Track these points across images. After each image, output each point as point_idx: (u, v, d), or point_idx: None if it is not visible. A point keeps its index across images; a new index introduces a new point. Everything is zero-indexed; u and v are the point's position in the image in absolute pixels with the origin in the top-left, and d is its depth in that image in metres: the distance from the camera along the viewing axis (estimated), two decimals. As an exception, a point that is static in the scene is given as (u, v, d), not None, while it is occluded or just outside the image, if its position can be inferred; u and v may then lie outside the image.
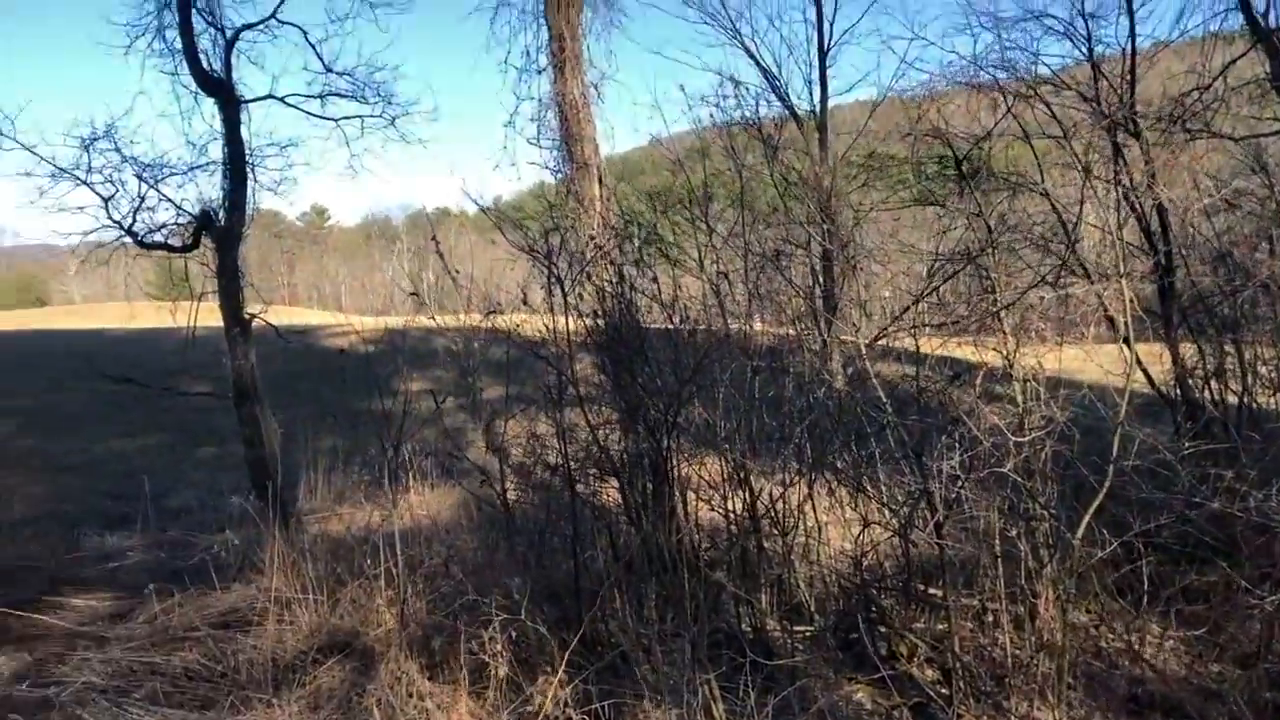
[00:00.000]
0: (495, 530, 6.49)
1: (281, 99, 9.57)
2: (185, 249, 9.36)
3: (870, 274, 8.58)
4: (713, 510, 5.78)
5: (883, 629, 5.27)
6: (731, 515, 5.61)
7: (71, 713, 4.47)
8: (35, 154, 8.82)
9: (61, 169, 8.90)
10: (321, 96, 9.73)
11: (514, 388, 6.26)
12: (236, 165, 9.11)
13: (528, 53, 8.10)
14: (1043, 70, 8.58)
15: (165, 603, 6.77)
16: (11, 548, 8.86)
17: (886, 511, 5.42)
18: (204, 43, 9.16)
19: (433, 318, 6.33)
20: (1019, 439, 4.56)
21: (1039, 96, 8.00)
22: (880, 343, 6.46)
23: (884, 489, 5.52)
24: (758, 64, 14.63)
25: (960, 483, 4.75)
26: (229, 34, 9.18)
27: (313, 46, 9.61)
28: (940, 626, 5.01)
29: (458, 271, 6.00)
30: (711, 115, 8.68)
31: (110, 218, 9.11)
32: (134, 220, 9.18)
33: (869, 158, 12.49)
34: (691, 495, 5.68)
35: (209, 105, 9.33)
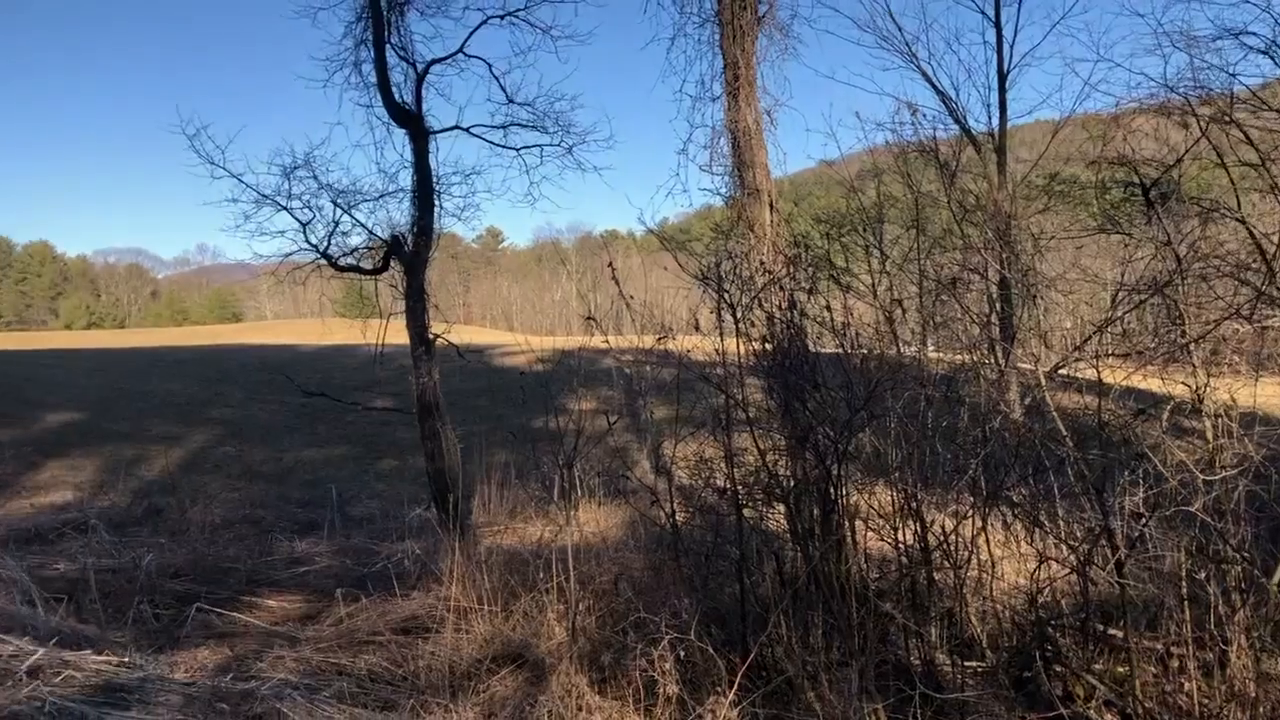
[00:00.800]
0: (663, 550, 6.58)
1: (467, 129, 9.99)
2: (375, 271, 9.89)
3: (1050, 301, 8.31)
4: (882, 540, 5.72)
5: (1059, 668, 5.09)
6: (902, 546, 5.53)
7: (271, 706, 4.77)
8: (242, 182, 9.53)
9: (265, 195, 9.59)
10: (504, 127, 10.10)
11: (681, 410, 6.36)
12: (424, 193, 9.57)
13: (702, 81, 8.19)
14: (1239, 90, 8.15)
15: (351, 607, 7.17)
16: (213, 549, 9.51)
17: (1065, 548, 5.24)
18: (396, 76, 9.70)
19: (605, 341, 6.48)
20: (1209, 477, 4.36)
21: (1235, 122, 7.60)
22: (1060, 373, 6.24)
23: (1062, 525, 5.35)
24: (934, 87, 14.37)
25: (1144, 521, 4.57)
26: (420, 68, 9.67)
27: (497, 79, 10.01)
28: (1121, 669, 4.81)
29: (632, 297, 6.14)
30: (887, 141, 8.57)
31: (308, 241, 9.73)
32: (329, 244, 9.79)
33: (1050, 180, 12.09)
34: (860, 524, 5.64)
35: (400, 136, 9.84)
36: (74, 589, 7.60)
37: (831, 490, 5.45)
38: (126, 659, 5.55)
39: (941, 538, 5.43)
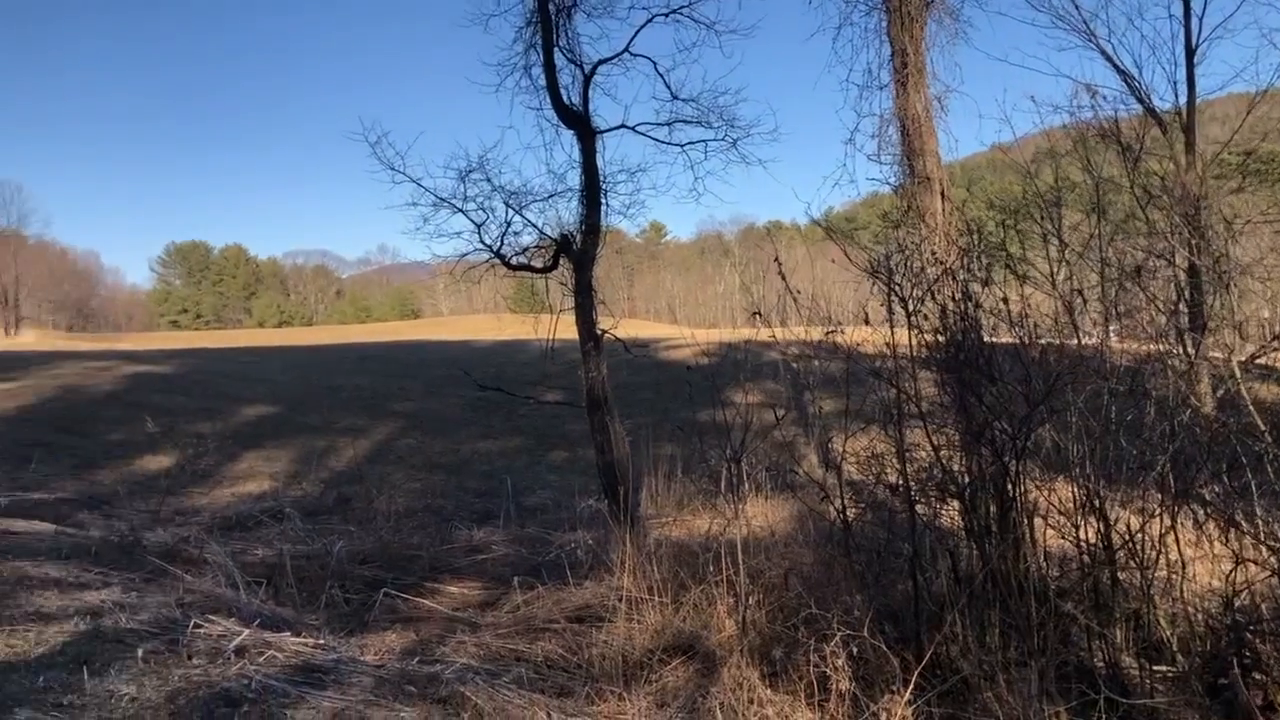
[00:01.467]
0: (833, 546, 6.55)
1: (633, 128, 10.11)
2: (546, 269, 10.16)
3: (1245, 288, 7.83)
4: (1063, 538, 5.54)
5: (1258, 676, 4.82)
6: (1084, 544, 5.34)
7: (455, 689, 4.99)
8: (421, 186, 9.95)
9: (442, 199, 9.98)
10: (669, 123, 10.18)
11: (848, 403, 6.30)
12: (592, 192, 9.78)
13: (869, 70, 8.07)
14: None
15: (527, 595, 7.41)
16: (397, 537, 9.97)
17: (1264, 549, 4.96)
18: (564, 78, 9.93)
19: (773, 335, 6.48)
20: None
21: None
22: (1257, 363, 5.89)
23: (1261, 524, 5.06)
24: (1114, 65, 13.69)
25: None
26: (587, 69, 9.86)
27: (661, 76, 10.10)
28: (1329, 680, 4.53)
29: (799, 292, 6.12)
30: (1064, 124, 8.25)
31: (482, 241, 10.08)
32: (502, 244, 10.11)
33: (1246, 158, 11.32)
34: (1039, 521, 5.48)
35: (568, 136, 10.07)
36: (272, 573, 8.10)
37: (1009, 486, 5.31)
38: (321, 641, 5.90)
39: (1126, 536, 5.22)
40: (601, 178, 9.89)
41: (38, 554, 7.66)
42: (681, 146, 10.32)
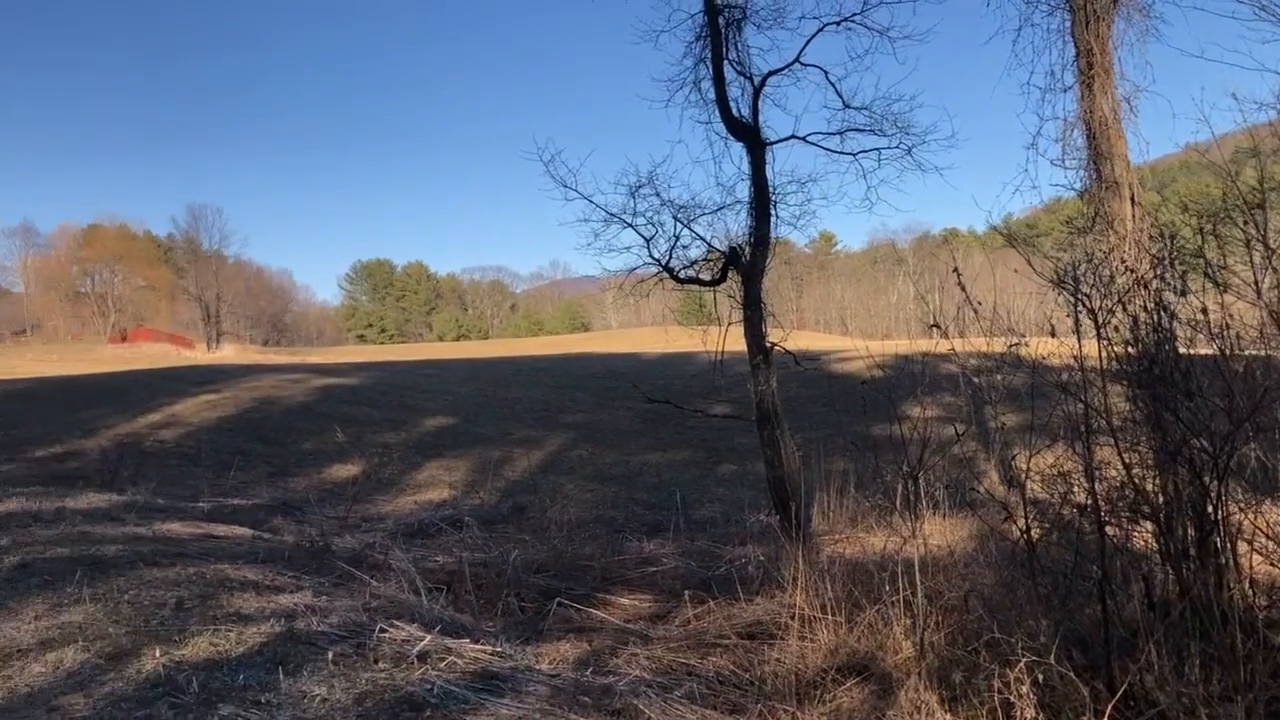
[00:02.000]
0: (1015, 567, 6.28)
1: (803, 138, 10.06)
2: (714, 282, 10.20)
3: None
4: (1272, 565, 5.15)
5: None
6: (1296, 572, 4.96)
7: (628, 702, 5.03)
8: (592, 202, 10.19)
9: (612, 214, 10.20)
10: (841, 132, 10.08)
11: (1029, 418, 6.04)
12: (761, 204, 9.76)
13: (1052, 72, 7.74)
14: None
15: (698, 609, 7.41)
16: (570, 547, 10.14)
17: None
18: (734, 91, 9.99)
19: (952, 348, 6.29)
20: None
21: None
22: None
23: None
24: (1326, 56, 12.69)
25: None
26: (756, 81, 9.88)
27: (833, 85, 10.01)
28: None
29: (979, 303, 5.92)
30: (1270, 121, 7.70)
31: (651, 255, 10.24)
32: (670, 257, 10.23)
33: None
34: (1244, 546, 5.11)
35: (737, 149, 10.11)
36: (451, 580, 8.37)
37: (1209, 508, 4.98)
38: (498, 648, 6.05)
39: (1347, 565, 4.82)
40: (771, 189, 9.87)
41: (237, 557, 8.15)
42: (854, 155, 10.19)
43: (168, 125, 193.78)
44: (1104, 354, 5.26)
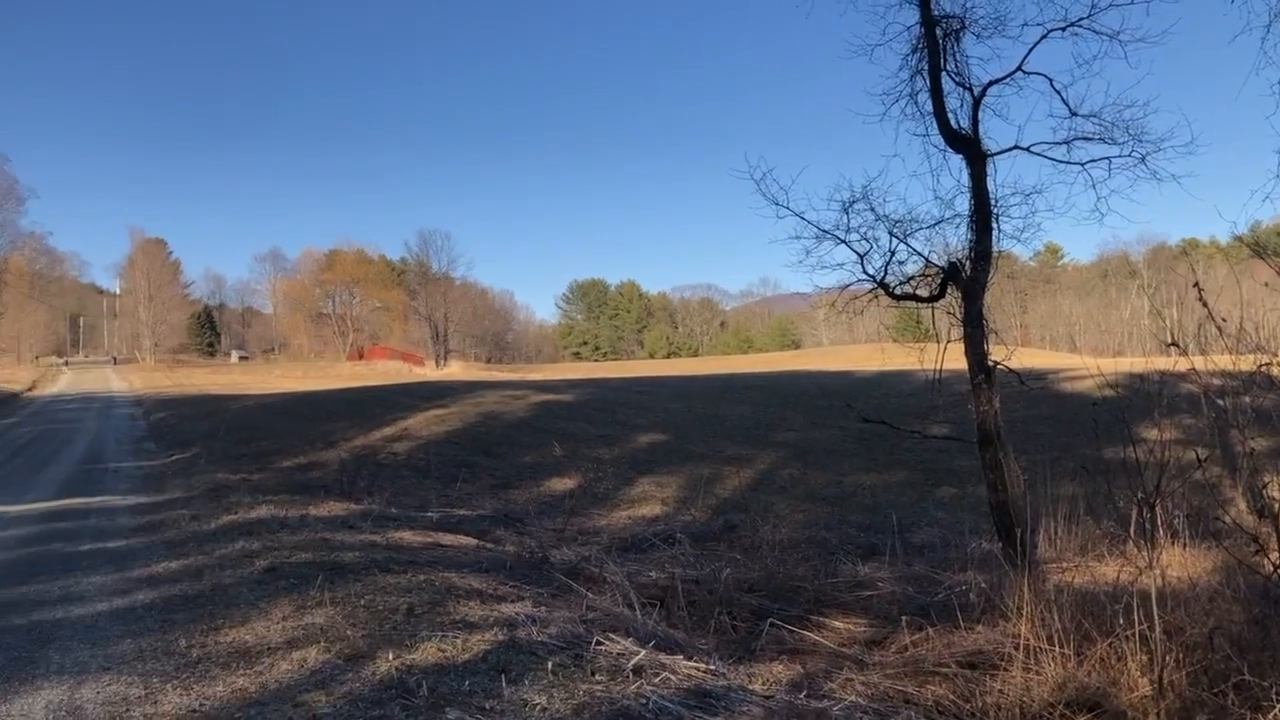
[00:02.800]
0: (1269, 604, 5.78)
1: (1026, 149, 9.62)
2: (932, 299, 9.89)
3: None
4: None
5: None
6: None
7: (843, 727, 4.94)
8: (804, 219, 10.06)
9: (825, 230, 10.04)
10: (1067, 142, 9.56)
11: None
12: (982, 217, 9.40)
13: (1313, 68, 7.13)
14: None
15: (915, 635, 7.17)
16: (782, 567, 10.04)
17: None
18: (952, 102, 9.67)
19: (1192, 366, 5.86)
20: None
21: None
22: None
23: None
24: None
25: None
26: (976, 91, 9.53)
27: (1058, 93, 9.53)
28: None
29: (1224, 320, 5.49)
30: None
31: (865, 271, 10.04)
32: (885, 273, 10.00)
33: None
34: None
35: (956, 161, 9.77)
36: (664, 595, 8.43)
37: None
38: (711, 666, 6.04)
39: None
40: (992, 201, 9.50)
41: (462, 566, 8.52)
42: (1082, 165, 9.65)
43: (395, 156, 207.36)
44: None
